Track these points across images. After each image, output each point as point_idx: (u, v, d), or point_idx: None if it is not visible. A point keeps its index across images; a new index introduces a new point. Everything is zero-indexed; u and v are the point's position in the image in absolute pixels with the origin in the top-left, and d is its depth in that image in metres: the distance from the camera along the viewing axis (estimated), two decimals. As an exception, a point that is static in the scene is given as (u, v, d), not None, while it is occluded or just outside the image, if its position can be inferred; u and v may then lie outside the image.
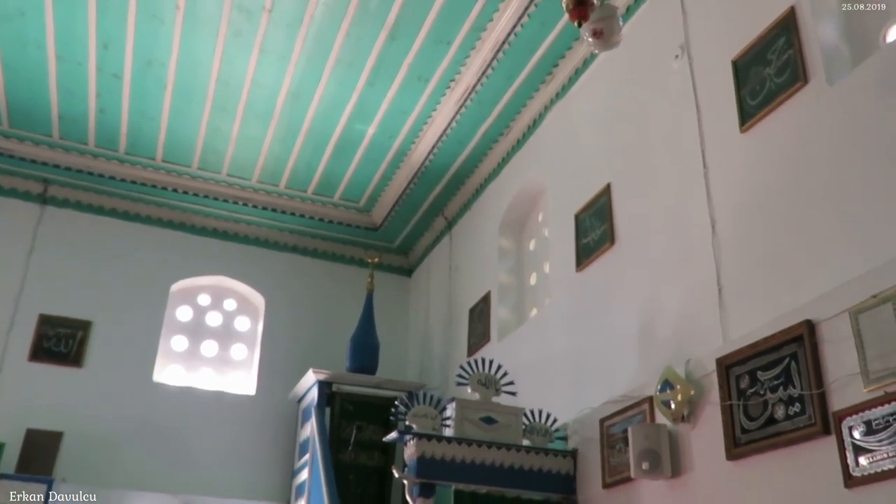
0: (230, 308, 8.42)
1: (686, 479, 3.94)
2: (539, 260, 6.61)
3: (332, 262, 8.75)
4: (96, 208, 7.95)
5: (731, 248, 4.02)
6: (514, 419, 4.89)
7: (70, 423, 6.96)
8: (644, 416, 4.28)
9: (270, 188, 8.11)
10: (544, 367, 5.59)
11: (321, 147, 7.39)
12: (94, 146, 7.49)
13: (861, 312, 3.10)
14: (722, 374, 3.76)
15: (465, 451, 4.63)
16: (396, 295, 8.83)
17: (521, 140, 6.74)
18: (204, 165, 7.78)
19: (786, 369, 3.43)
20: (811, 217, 3.54)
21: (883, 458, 2.89)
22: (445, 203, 7.95)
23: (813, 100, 3.67)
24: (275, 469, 7.60)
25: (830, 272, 3.34)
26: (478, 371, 4.97)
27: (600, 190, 5.34)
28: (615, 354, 4.82)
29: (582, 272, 5.41)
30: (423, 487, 4.50)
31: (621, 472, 4.35)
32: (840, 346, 3.19)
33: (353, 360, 7.49)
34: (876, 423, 2.94)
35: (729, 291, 3.96)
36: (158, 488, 7.09)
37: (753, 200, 3.93)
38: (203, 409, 7.63)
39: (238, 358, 8.24)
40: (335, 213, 8.48)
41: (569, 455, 4.88)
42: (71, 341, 7.38)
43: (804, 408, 3.29)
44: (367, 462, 7.12)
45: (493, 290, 6.78)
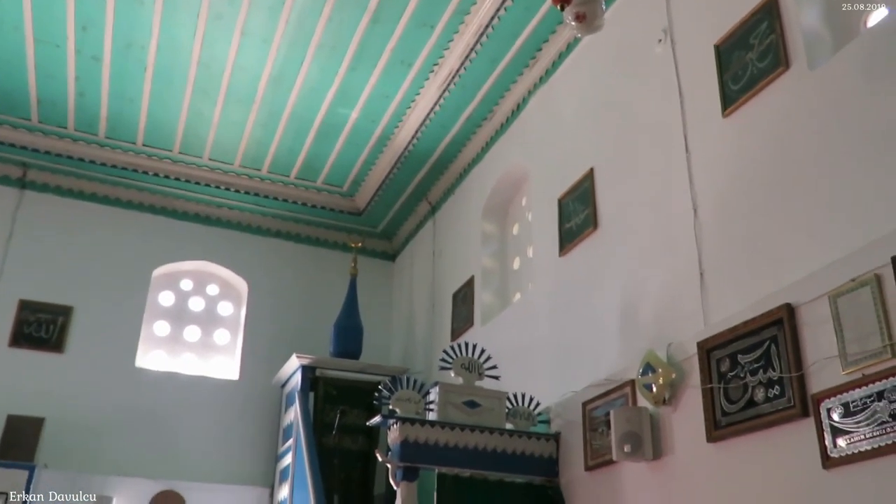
0: (213, 293, 8.39)
1: (667, 462, 3.98)
2: (522, 244, 6.62)
3: (316, 247, 8.73)
4: (76, 193, 7.88)
5: (712, 232, 4.04)
6: (497, 403, 4.91)
7: (52, 408, 6.92)
8: (626, 400, 4.31)
9: (253, 173, 8.06)
10: (527, 352, 5.62)
11: (304, 131, 7.35)
12: (74, 130, 7.42)
13: (840, 296, 3.13)
14: (703, 358, 3.80)
15: (449, 435, 4.65)
16: (380, 280, 8.83)
17: (505, 124, 6.73)
18: (185, 150, 7.72)
19: (766, 352, 3.46)
20: (792, 202, 3.57)
21: (860, 439, 2.93)
22: (429, 188, 7.94)
23: (794, 85, 3.69)
24: (258, 454, 7.61)
25: (810, 256, 3.37)
26: (461, 355, 4.98)
27: (583, 174, 5.35)
28: (598, 338, 4.85)
29: (565, 257, 5.43)
30: (406, 471, 4.52)
31: (603, 455, 4.38)
32: (819, 330, 3.22)
33: (336, 344, 7.48)
34: (854, 405, 2.98)
35: (710, 275, 3.99)
36: (141, 474, 7.08)
37: (735, 185, 3.95)
38: (186, 394, 7.61)
39: (221, 343, 8.22)
40: (318, 198, 8.45)
41: (551, 438, 4.91)
42: (52, 327, 7.33)
43: (783, 390, 3.32)
44: (351, 446, 7.13)
45: (477, 274, 6.79)
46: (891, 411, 2.83)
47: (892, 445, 2.80)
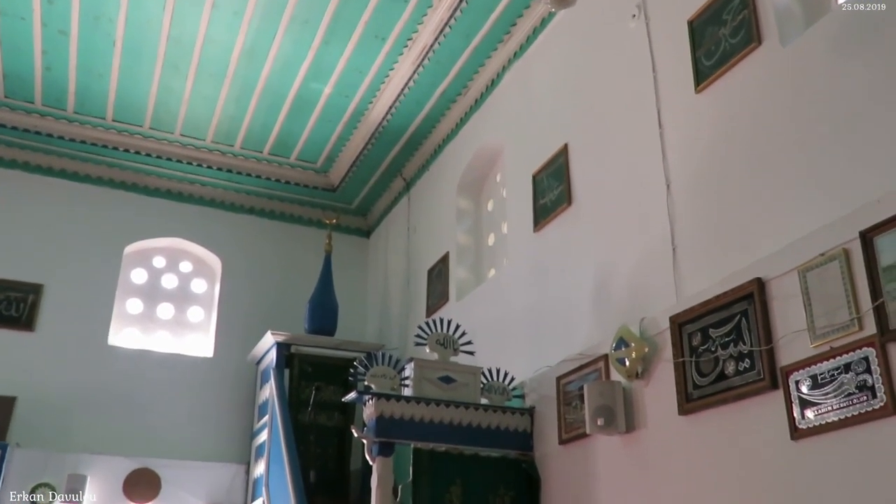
0: (186, 270, 8.33)
1: (640, 434, 4.03)
2: (497, 220, 6.63)
3: (290, 224, 8.68)
4: (45, 169, 7.76)
5: (685, 207, 4.07)
6: (472, 378, 4.95)
7: (23, 387, 6.86)
8: (599, 374, 4.36)
9: (225, 148, 7.98)
10: (502, 327, 5.65)
11: (277, 106, 7.28)
12: (41, 105, 7.28)
13: (809, 270, 3.18)
14: (675, 332, 3.84)
15: (424, 411, 4.68)
16: (355, 256, 8.81)
17: (479, 100, 6.71)
18: (156, 125, 7.62)
19: (736, 326, 3.51)
20: (763, 177, 3.60)
21: (828, 410, 2.98)
22: (403, 164, 7.91)
23: (766, 61, 3.71)
24: (234, 431, 7.60)
25: (781, 231, 3.41)
26: (436, 331, 5.00)
27: (558, 150, 5.36)
28: (571, 313, 4.88)
29: (539, 232, 5.44)
30: (382, 446, 4.54)
31: (577, 429, 4.43)
32: (788, 304, 3.27)
33: (311, 321, 7.47)
34: (821, 377, 3.03)
35: (683, 251, 4.03)
36: (115, 452, 7.04)
37: (707, 161, 3.98)
38: (160, 371, 7.57)
39: (195, 320, 8.17)
40: (292, 174, 8.39)
41: (526, 413, 4.95)
42: (22, 305, 7.24)
43: (753, 363, 3.38)
44: (327, 422, 7.15)
45: (452, 250, 6.80)
46: (857, 383, 2.89)
47: (858, 416, 2.87)
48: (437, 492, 4.54)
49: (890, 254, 2.87)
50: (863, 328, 2.92)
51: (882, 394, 2.80)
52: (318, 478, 6.60)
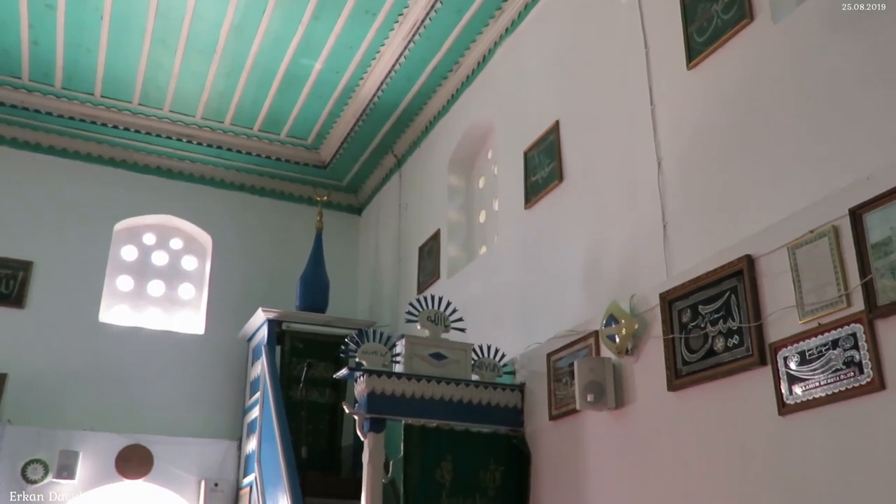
0: (176, 247, 8.30)
1: (629, 410, 4.06)
2: (488, 198, 6.62)
3: (280, 201, 8.65)
4: (33, 145, 7.70)
5: (676, 184, 4.08)
6: (463, 355, 4.97)
7: (14, 364, 6.84)
8: (589, 350, 4.38)
9: (215, 125, 7.93)
10: (493, 304, 5.66)
11: (267, 83, 7.23)
12: (29, 80, 7.21)
13: (798, 247, 3.19)
14: (665, 309, 3.86)
15: (415, 387, 4.70)
16: (346, 233, 8.80)
17: (471, 77, 6.68)
18: (145, 101, 7.56)
19: (726, 303, 3.53)
20: (754, 154, 3.61)
21: (815, 386, 3.01)
22: (394, 140, 7.88)
23: (758, 37, 3.70)
24: (226, 407, 7.62)
25: (771, 208, 3.42)
26: (427, 308, 5.01)
27: (549, 127, 5.34)
28: (562, 290, 4.90)
29: (531, 209, 5.44)
30: (373, 422, 4.57)
31: (567, 405, 4.46)
32: (778, 280, 3.29)
33: (302, 298, 7.47)
34: (810, 353, 3.06)
35: (673, 228, 4.04)
36: (107, 428, 7.05)
37: (698, 138, 3.98)
38: (151, 348, 7.57)
39: (186, 297, 8.16)
40: (282, 151, 8.35)
41: (516, 389, 4.98)
42: (12, 282, 7.21)
43: (742, 340, 3.40)
44: (318, 399, 7.18)
45: (443, 227, 6.79)
46: (845, 359, 2.91)
47: (845, 392, 2.89)
48: (427, 467, 4.57)
49: (879, 231, 2.88)
50: (851, 305, 2.95)
51: (869, 370, 2.82)
52: (310, 453, 6.63)
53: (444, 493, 4.56)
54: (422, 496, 4.50)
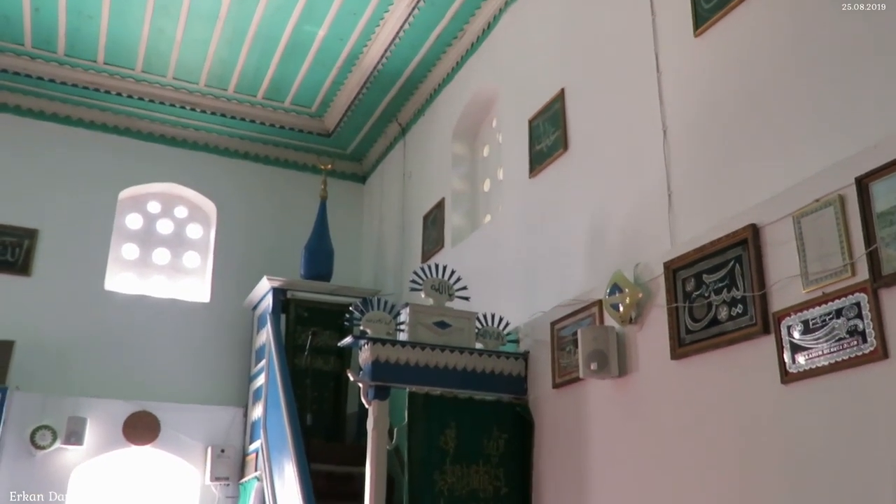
0: (181, 215, 8.31)
1: (632, 378, 4.08)
2: (493, 166, 6.60)
3: (285, 169, 8.63)
4: (36, 113, 7.67)
5: (681, 153, 4.05)
6: (466, 323, 4.97)
7: (21, 332, 6.88)
8: (593, 319, 4.39)
9: (219, 92, 7.89)
10: (497, 273, 5.67)
11: (270, 50, 7.17)
12: (31, 47, 7.16)
13: (803, 216, 3.18)
14: (669, 278, 3.86)
15: (419, 355, 4.72)
16: (350, 202, 8.79)
17: (475, 44, 6.62)
18: (148, 68, 7.51)
19: (730, 272, 3.52)
20: (761, 122, 3.58)
21: (818, 355, 3.02)
22: (399, 109, 7.83)
23: (766, 4, 3.65)
24: (231, 375, 7.67)
25: (776, 177, 3.40)
26: (431, 277, 5.02)
27: (554, 95, 5.30)
28: (566, 259, 4.90)
29: (535, 178, 5.42)
30: (377, 390, 4.59)
31: (571, 373, 4.48)
32: (782, 249, 3.28)
33: (307, 267, 7.49)
34: (813, 322, 3.06)
35: (678, 196, 4.02)
36: (114, 395, 7.12)
37: (705, 106, 3.95)
38: (157, 316, 7.61)
39: (191, 266, 8.18)
40: (286, 119, 8.31)
41: (520, 357, 5.00)
42: (17, 250, 7.23)
43: (746, 309, 3.40)
44: (323, 367, 7.23)
45: (447, 196, 6.78)
46: (848, 328, 2.91)
47: (849, 361, 2.90)
48: (432, 434, 4.61)
49: (885, 200, 2.87)
50: (855, 274, 2.94)
51: (873, 339, 2.83)
52: (315, 421, 6.69)
53: (448, 459, 4.59)
54: (426, 463, 4.54)
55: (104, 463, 7.07)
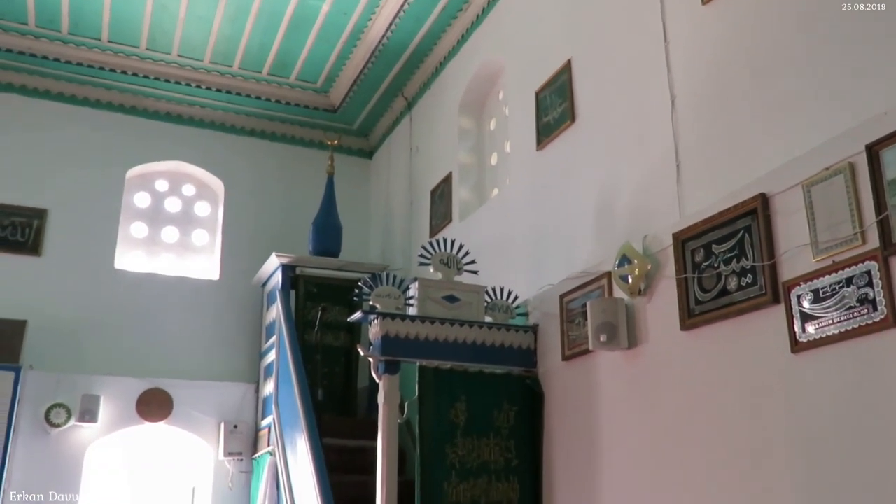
0: (189, 193, 8.32)
1: (641, 350, 4.09)
2: (500, 139, 6.57)
3: (291, 145, 8.61)
4: (42, 92, 7.66)
5: (690, 123, 4.03)
6: (475, 297, 4.98)
7: (33, 311, 6.92)
8: (602, 291, 4.39)
9: (224, 69, 7.85)
10: (506, 246, 5.66)
11: (274, 25, 7.13)
12: (35, 26, 7.13)
13: (813, 185, 3.16)
14: (678, 249, 3.85)
15: (429, 329, 4.73)
16: (357, 177, 8.77)
17: (481, 16, 6.56)
18: (152, 46, 7.48)
19: (739, 242, 3.51)
20: (770, 91, 3.54)
21: (828, 324, 3.01)
22: (404, 83, 7.79)
23: (775, -31, 3.61)
24: (242, 351, 7.71)
25: (786, 146, 3.38)
26: (440, 251, 5.02)
27: (561, 67, 5.26)
28: (575, 232, 4.89)
29: (542, 151, 5.40)
30: (388, 365, 4.61)
31: (580, 345, 4.48)
32: (792, 219, 3.26)
33: (315, 243, 7.50)
34: (823, 291, 3.05)
35: (687, 166, 4.00)
36: (127, 373, 7.17)
37: (713, 74, 3.91)
38: (167, 294, 7.64)
39: (200, 243, 8.21)
40: (292, 95, 8.28)
41: (529, 330, 5.01)
42: (27, 230, 7.26)
43: (756, 279, 3.39)
44: (333, 342, 7.27)
45: (454, 170, 6.76)
46: (858, 296, 2.91)
47: (859, 329, 2.89)
48: (442, 407, 4.63)
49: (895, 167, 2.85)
50: (866, 242, 2.93)
51: (883, 307, 2.82)
52: (326, 396, 6.73)
53: (459, 432, 4.62)
54: (437, 436, 4.57)
55: (118, 440, 7.15)
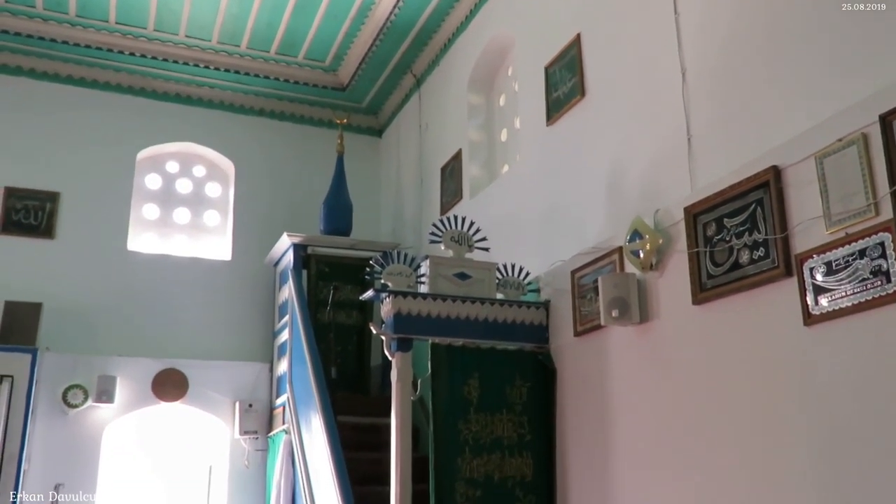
0: (199, 174, 8.33)
1: (654, 325, 4.08)
2: (509, 115, 6.54)
3: (301, 125, 8.60)
4: (51, 75, 7.67)
5: (700, 96, 3.99)
6: (487, 274, 4.98)
7: (48, 294, 6.98)
8: (614, 267, 4.38)
9: (231, 49, 7.83)
10: (516, 223, 5.65)
11: (281, 4, 7.09)
12: (43, 9, 7.13)
13: (826, 156, 3.13)
14: (689, 223, 3.83)
15: (441, 307, 4.74)
16: (367, 156, 8.76)
17: (489, -10, 6.51)
18: (160, 27, 7.46)
19: (751, 215, 3.49)
20: (781, 63, 3.51)
21: (841, 296, 3.00)
22: (413, 60, 7.74)
23: (787, -62, 3.55)
24: (256, 331, 7.76)
25: (798, 118, 3.35)
26: (450, 228, 5.01)
27: (570, 41, 5.22)
28: (586, 207, 4.87)
29: (552, 126, 5.37)
30: (400, 342, 4.63)
31: (592, 321, 4.48)
32: (804, 191, 3.24)
33: (326, 222, 7.51)
34: (836, 263, 3.03)
35: (698, 140, 3.97)
36: (143, 353, 7.23)
37: (724, 47, 3.87)
38: (181, 275, 7.68)
39: (211, 224, 8.23)
40: (300, 74, 8.25)
41: (541, 306, 5.01)
42: (40, 213, 7.30)
43: (768, 252, 3.38)
44: (346, 321, 7.30)
45: (464, 147, 6.74)
46: (872, 268, 2.89)
47: (872, 301, 2.88)
48: (455, 384, 4.65)
49: (909, 137, 2.82)
50: (879, 213, 2.91)
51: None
52: (339, 374, 6.77)
53: (472, 408, 4.64)
54: (450, 412, 4.59)
55: (135, 420, 7.22)
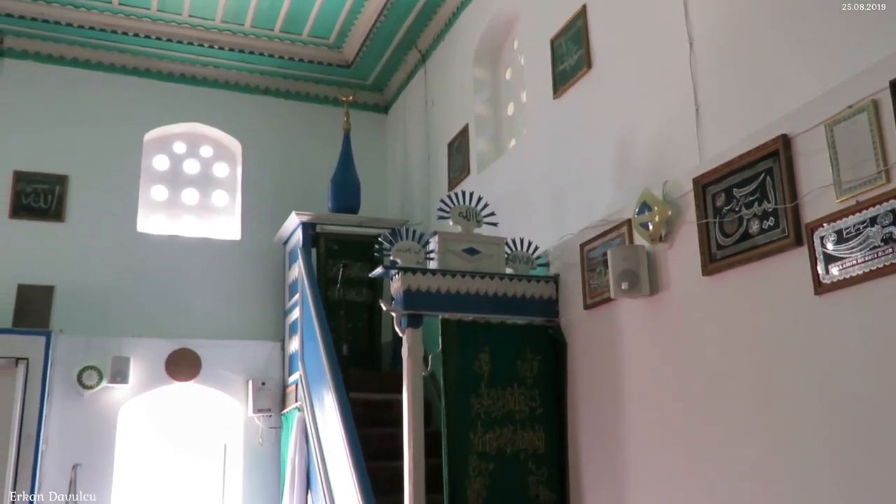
0: (207, 155, 8.33)
1: (663, 296, 4.08)
2: (516, 89, 6.50)
3: (306, 103, 8.57)
4: (56, 58, 7.66)
5: (708, 65, 3.96)
6: (496, 249, 4.98)
7: (59, 276, 7.03)
8: (623, 239, 4.37)
9: (236, 28, 7.80)
10: (525, 197, 5.64)
11: (284, -19, 7.06)
12: (45, -9, 7.12)
13: (836, 124, 3.11)
14: (698, 194, 3.81)
15: (450, 282, 4.75)
16: (374, 133, 8.74)
17: (493, -37, 6.45)
18: (163, 7, 7.43)
19: (761, 185, 3.47)
20: (789, 30, 3.47)
21: (852, 264, 2.99)
22: (418, 35, 7.69)
23: None
24: (267, 310, 7.79)
25: (807, 85, 3.32)
26: (459, 204, 5.01)
27: (576, 12, 5.18)
28: (594, 180, 4.86)
29: (559, 99, 5.34)
30: (410, 318, 4.64)
31: (602, 294, 4.49)
32: (814, 159, 3.22)
33: (334, 200, 7.51)
34: (847, 231, 3.02)
35: (706, 110, 3.94)
36: (155, 334, 7.28)
37: (731, 15, 3.83)
38: (191, 256, 7.71)
39: (220, 204, 8.25)
40: (305, 52, 8.21)
41: (551, 280, 5.01)
42: (50, 196, 7.33)
43: (778, 221, 3.36)
44: (356, 298, 7.32)
45: (471, 122, 6.71)
46: (883, 236, 2.87)
47: (883, 269, 2.87)
48: (466, 359, 4.67)
49: (921, 103, 2.80)
50: (890, 180, 2.89)
51: (907, 245, 2.79)
52: (351, 351, 6.80)
53: (483, 382, 4.67)
54: (462, 387, 4.62)
55: (150, 399, 7.29)
